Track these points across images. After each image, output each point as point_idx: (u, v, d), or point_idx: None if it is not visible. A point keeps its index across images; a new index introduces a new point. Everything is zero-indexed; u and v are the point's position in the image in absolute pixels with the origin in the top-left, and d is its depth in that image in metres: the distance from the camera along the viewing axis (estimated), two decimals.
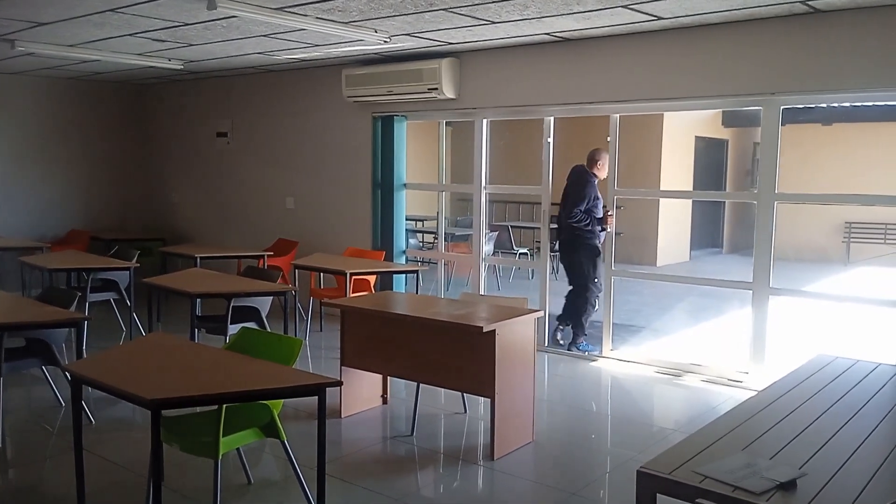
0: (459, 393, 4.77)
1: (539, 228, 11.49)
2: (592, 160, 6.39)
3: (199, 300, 5.21)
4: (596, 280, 6.41)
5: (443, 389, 4.84)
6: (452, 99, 6.64)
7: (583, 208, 6.32)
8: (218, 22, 5.40)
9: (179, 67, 7.53)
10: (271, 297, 5.33)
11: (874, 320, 6.34)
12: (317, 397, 2.92)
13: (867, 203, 7.48)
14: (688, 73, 5.47)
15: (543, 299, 6.49)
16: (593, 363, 6.12)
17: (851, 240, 13.64)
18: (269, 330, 4.96)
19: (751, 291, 5.45)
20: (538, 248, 11.01)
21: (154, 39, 6.12)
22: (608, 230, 6.29)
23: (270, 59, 7.18)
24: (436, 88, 6.50)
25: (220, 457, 3.00)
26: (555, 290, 6.68)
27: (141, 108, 9.60)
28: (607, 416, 5.04)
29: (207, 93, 8.89)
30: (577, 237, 6.44)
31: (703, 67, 5.40)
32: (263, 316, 5.22)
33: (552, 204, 6.55)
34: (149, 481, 3.11)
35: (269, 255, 7.27)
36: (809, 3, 4.64)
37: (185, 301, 5.27)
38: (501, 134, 11.40)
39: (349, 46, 6.31)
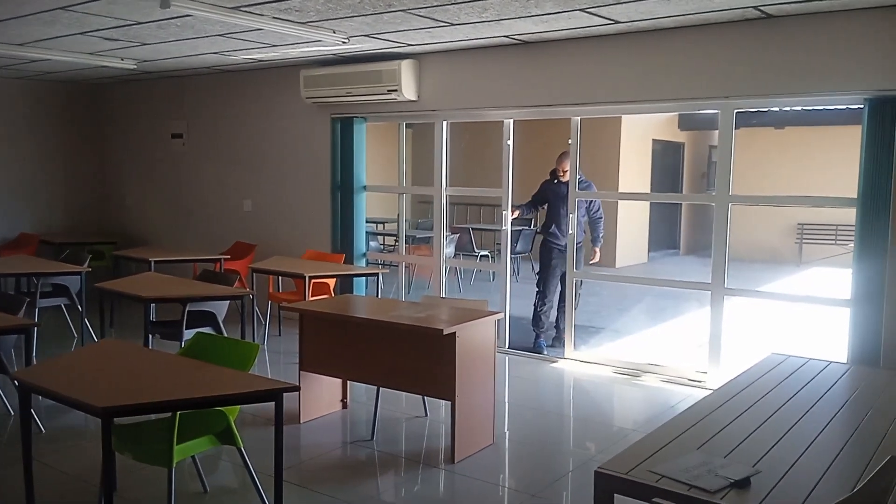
0: (420, 396, 4.75)
1: (500, 230, 11.59)
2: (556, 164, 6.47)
3: (153, 305, 5.10)
4: (540, 282, 6.58)
5: (403, 393, 4.81)
6: (412, 101, 6.62)
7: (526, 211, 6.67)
8: (172, 21, 5.30)
9: (133, 67, 7.38)
10: (228, 302, 5.24)
11: (826, 319, 6.50)
12: (274, 403, 2.87)
13: (817, 205, 7.68)
14: (645, 77, 5.54)
15: (504, 301, 6.51)
16: (554, 364, 6.15)
17: (804, 241, 13.98)
18: (225, 335, 4.88)
19: (709, 292, 5.53)
20: (499, 251, 11.07)
21: (106, 38, 5.99)
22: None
23: (227, 60, 7.08)
24: (395, 90, 6.48)
25: (174, 465, 2.93)
26: (515, 293, 6.69)
27: (93, 108, 9.38)
28: (568, 417, 5.06)
29: (162, 93, 8.73)
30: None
31: (659, 71, 5.47)
32: (220, 320, 5.13)
33: (514, 206, 6.59)
34: (101, 491, 3.03)
35: (226, 259, 7.16)
36: (762, 8, 4.74)
37: (138, 306, 5.15)
38: (462, 136, 11.42)
39: (307, 47, 6.25)
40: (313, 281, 6.10)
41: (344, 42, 5.83)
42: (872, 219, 4.69)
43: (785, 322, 7.87)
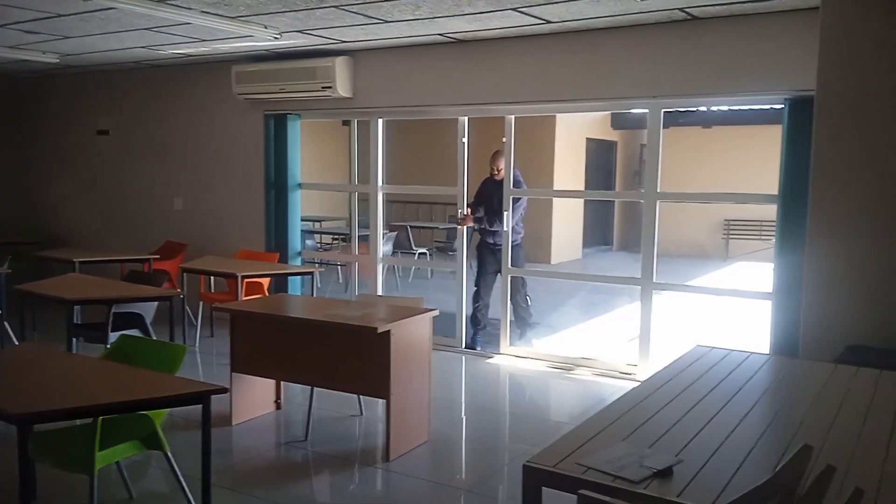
0: (355, 395, 4.72)
1: (437, 228, 11.63)
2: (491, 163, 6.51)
3: (77, 307, 4.93)
4: (477, 281, 6.60)
5: (340, 392, 4.77)
6: (347, 98, 6.57)
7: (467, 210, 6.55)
8: (95, 14, 5.13)
9: (55, 61, 7.11)
10: (156, 303, 5.10)
11: (750, 312, 6.74)
12: (201, 406, 2.80)
13: (740, 201, 7.94)
14: (576, 76, 5.63)
15: (460, 300, 6.45)
16: (490, 360, 6.20)
17: (731, 236, 14.45)
18: (153, 337, 4.76)
19: (639, 287, 5.66)
20: (437, 248, 11.11)
21: (26, 31, 5.76)
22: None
23: (155, 54, 6.89)
24: (330, 87, 6.42)
25: (97, 472, 2.84)
26: (452, 290, 6.72)
27: (14, 103, 8.99)
28: (503, 412, 5.11)
29: (88, 88, 8.43)
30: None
31: (590, 70, 5.57)
32: (148, 322, 4.99)
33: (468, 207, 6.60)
34: (19, 500, 2.91)
35: (155, 259, 6.97)
36: (687, 10, 4.87)
37: (62, 309, 4.97)
38: (410, 134, 11.39)
39: (238, 42, 6.14)
40: (247, 281, 6.00)
41: (276, 38, 5.75)
42: (792, 214, 4.87)
43: (712, 315, 8.12)
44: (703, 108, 6.46)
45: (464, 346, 6.46)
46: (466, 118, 6.32)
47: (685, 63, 5.21)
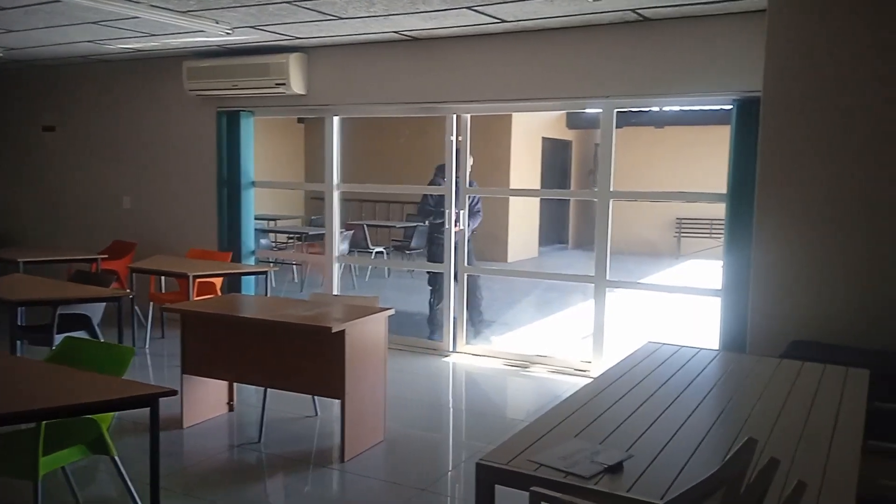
0: (310, 396, 4.68)
1: (394, 227, 11.59)
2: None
3: (21, 309, 4.78)
4: (433, 280, 6.61)
5: (294, 393, 4.72)
6: (301, 95, 6.51)
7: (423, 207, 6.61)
8: (40, 6, 4.98)
9: None
10: (104, 304, 4.98)
11: (701, 308, 6.86)
12: (149, 409, 2.74)
13: (691, 200, 8.11)
14: (531, 75, 5.66)
15: (448, 300, 6.33)
16: (446, 358, 6.21)
17: (682, 234, 14.72)
18: (101, 339, 4.65)
19: (593, 284, 5.73)
20: (394, 247, 11.08)
21: None
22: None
23: (103, 49, 6.73)
24: (284, 84, 6.35)
25: (41, 478, 2.75)
26: (410, 288, 6.71)
27: None
28: (459, 410, 5.12)
29: (32, 83, 8.19)
30: None
31: (545, 70, 5.61)
32: (95, 324, 4.87)
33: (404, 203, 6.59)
34: None
35: (103, 259, 6.80)
36: (639, 11, 4.94)
37: (6, 310, 4.82)
38: (365, 132, 11.34)
39: (190, 37, 6.02)
40: (198, 280, 5.89)
41: (228, 33, 5.66)
42: (740, 213, 4.98)
43: (664, 312, 8.26)
44: (656, 109, 6.56)
45: (452, 347, 6.34)
46: (455, 115, 6.12)
47: (637, 64, 5.28)
